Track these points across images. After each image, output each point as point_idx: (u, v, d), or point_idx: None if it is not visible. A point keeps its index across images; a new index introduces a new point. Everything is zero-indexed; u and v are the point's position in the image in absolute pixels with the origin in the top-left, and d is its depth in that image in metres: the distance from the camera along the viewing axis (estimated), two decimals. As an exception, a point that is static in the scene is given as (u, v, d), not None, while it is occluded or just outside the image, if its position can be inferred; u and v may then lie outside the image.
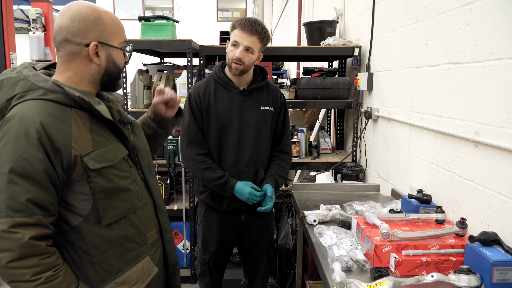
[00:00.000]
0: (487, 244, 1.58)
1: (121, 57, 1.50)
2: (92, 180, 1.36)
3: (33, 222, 1.24)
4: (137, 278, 1.49)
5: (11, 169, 1.23)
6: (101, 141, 1.42)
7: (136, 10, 17.15)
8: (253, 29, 2.26)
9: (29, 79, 1.35)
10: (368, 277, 1.63)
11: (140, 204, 1.54)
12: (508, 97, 1.62)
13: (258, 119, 2.41)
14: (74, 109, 1.37)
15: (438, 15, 2.19)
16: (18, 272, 1.23)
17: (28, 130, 1.25)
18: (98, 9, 1.42)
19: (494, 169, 1.72)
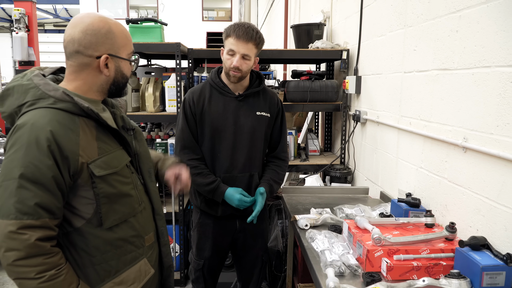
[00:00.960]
0: (477, 248, 1.61)
1: (129, 67, 1.56)
2: (96, 186, 1.42)
3: (39, 224, 1.31)
4: (134, 279, 1.55)
5: (21, 175, 1.29)
6: (106, 148, 1.48)
7: (120, 9, 16.99)
8: (248, 36, 2.23)
9: (40, 88, 1.40)
10: (361, 282, 1.66)
11: (140, 208, 1.59)
12: (496, 104, 1.65)
13: (254, 124, 2.39)
14: (81, 118, 1.43)
15: (427, 21, 2.23)
16: (24, 270, 1.29)
17: (38, 138, 1.31)
18: (109, 22, 1.47)
19: (482, 175, 1.76)
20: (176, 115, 3.45)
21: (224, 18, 17.08)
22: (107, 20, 1.47)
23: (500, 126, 1.63)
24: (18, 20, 7.45)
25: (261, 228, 2.58)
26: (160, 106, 3.62)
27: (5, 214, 1.29)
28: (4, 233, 1.28)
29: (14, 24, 7.50)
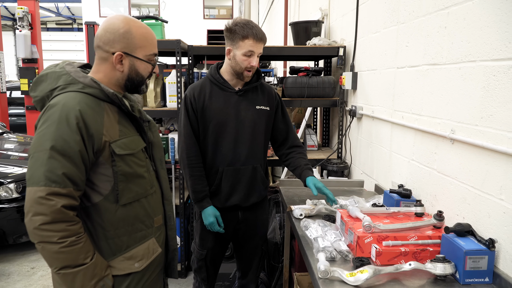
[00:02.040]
0: (461, 234, 1.70)
1: (145, 67, 1.67)
2: (115, 164, 1.57)
3: (65, 193, 1.44)
4: (142, 255, 1.68)
5: (52, 147, 1.43)
6: (126, 132, 1.64)
7: (122, 7, 17.07)
8: (264, 36, 2.32)
9: (71, 74, 1.57)
10: (351, 266, 1.74)
11: (151, 191, 1.73)
12: (481, 97, 1.73)
13: (254, 118, 2.45)
14: (106, 103, 1.59)
15: (418, 18, 2.30)
16: (48, 234, 1.41)
17: (68, 115, 1.46)
18: (131, 24, 1.60)
19: (468, 165, 1.83)
20: (177, 110, 3.53)
21: (225, 16, 17.13)
22: (130, 22, 1.61)
23: (484, 117, 1.71)
24: (22, 18, 7.53)
25: (261, 219, 2.66)
26: (161, 101, 3.70)
27: (36, 182, 1.42)
28: (33, 199, 1.40)
29: (17, 22, 7.59)
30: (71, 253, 1.45)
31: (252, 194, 2.51)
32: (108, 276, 1.57)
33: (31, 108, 7.93)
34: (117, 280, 1.61)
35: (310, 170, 2.50)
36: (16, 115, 9.39)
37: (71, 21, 24.73)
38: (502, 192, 1.61)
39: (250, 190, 2.49)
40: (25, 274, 4.02)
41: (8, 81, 10.93)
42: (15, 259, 4.37)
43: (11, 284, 3.81)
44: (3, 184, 4.28)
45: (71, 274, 1.47)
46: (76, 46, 21.27)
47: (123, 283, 1.62)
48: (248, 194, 2.49)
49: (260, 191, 2.54)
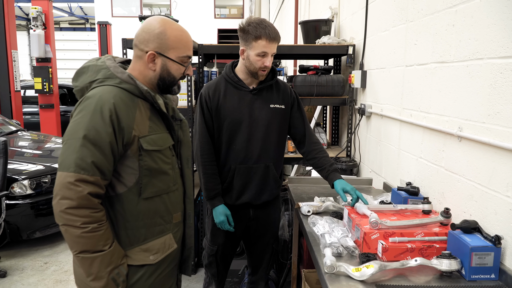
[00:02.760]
0: (468, 231, 1.71)
1: (177, 68, 1.71)
2: (142, 158, 1.62)
3: (93, 180, 1.50)
4: (158, 249, 1.72)
5: (85, 136, 1.50)
6: (155, 129, 1.69)
7: (134, 7, 17.20)
8: (277, 36, 2.31)
9: (110, 69, 1.64)
10: (357, 261, 1.76)
11: (173, 188, 1.78)
12: (488, 94, 1.74)
13: (268, 117, 2.44)
14: (139, 99, 1.65)
15: (426, 16, 2.31)
16: (72, 218, 1.48)
17: (103, 108, 1.53)
18: (166, 26, 1.65)
19: (475, 162, 1.84)
20: (187, 108, 3.57)
21: (236, 16, 17.17)
22: (166, 24, 1.66)
23: (491, 115, 1.72)
24: (35, 18, 7.63)
25: (273, 217, 2.67)
26: (172, 100, 3.74)
27: (66, 167, 1.48)
28: (62, 183, 1.47)
29: (31, 22, 7.69)
30: (92, 238, 1.50)
31: (264, 193, 2.51)
32: (123, 265, 1.62)
33: (44, 107, 8.04)
34: (132, 270, 1.66)
35: (337, 171, 2.47)
36: (30, 113, 9.50)
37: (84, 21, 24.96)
38: (508, 189, 1.61)
39: (261, 188, 2.49)
40: (38, 269, 4.09)
41: (22, 80, 11.07)
42: (29, 254, 4.44)
43: (24, 278, 3.88)
44: (17, 181, 4.35)
45: (89, 259, 1.52)
46: (88, 46, 21.44)
47: (137, 273, 1.67)
48: (259, 192, 2.50)
49: (272, 189, 2.53)
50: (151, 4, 18.40)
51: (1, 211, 3.89)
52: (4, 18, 7.29)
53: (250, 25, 2.30)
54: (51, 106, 8.07)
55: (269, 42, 2.28)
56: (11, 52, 7.43)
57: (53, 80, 7.96)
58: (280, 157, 2.59)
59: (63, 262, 4.22)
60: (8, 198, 4.20)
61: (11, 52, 7.43)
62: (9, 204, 4.18)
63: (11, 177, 4.31)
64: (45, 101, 8.05)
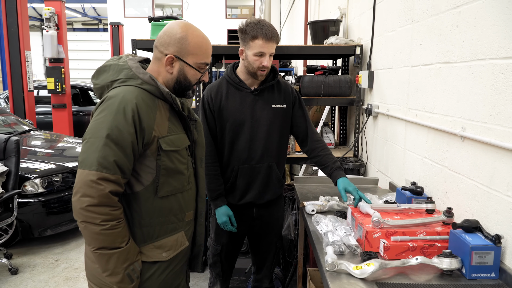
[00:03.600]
0: (469, 230, 1.72)
1: (194, 73, 1.73)
2: (160, 158, 1.66)
3: (114, 179, 1.54)
4: (170, 246, 1.75)
5: (108, 135, 1.53)
6: (174, 129, 1.73)
7: (146, 7, 17.34)
8: (274, 36, 2.32)
9: (132, 69, 1.67)
10: (359, 260, 1.78)
11: (187, 187, 1.82)
12: (490, 95, 1.75)
13: (270, 117, 2.47)
14: (160, 100, 1.69)
15: (431, 17, 2.32)
16: (92, 216, 1.51)
17: (126, 108, 1.56)
18: (188, 31, 1.69)
19: (477, 162, 1.85)
20: (195, 108, 3.61)
21: (247, 16, 17.21)
22: (189, 30, 1.69)
23: (492, 115, 1.73)
24: (48, 19, 7.75)
25: (276, 216, 2.70)
26: (180, 100, 3.78)
27: (88, 165, 1.51)
28: (84, 181, 1.50)
29: (44, 23, 7.81)
30: (110, 236, 1.54)
31: (267, 192, 2.54)
32: (138, 262, 1.66)
33: (57, 107, 8.15)
34: (145, 266, 1.70)
35: (340, 169, 2.49)
36: (43, 113, 9.63)
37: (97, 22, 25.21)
38: (509, 189, 1.62)
39: (264, 188, 2.52)
40: (49, 266, 4.16)
41: (36, 80, 11.22)
42: (40, 251, 4.52)
43: (35, 275, 3.95)
44: (30, 179, 4.43)
45: (106, 255, 1.56)
46: (101, 46, 21.63)
47: (150, 269, 1.71)
48: (262, 191, 2.52)
49: (275, 189, 2.57)
50: (163, 4, 18.53)
51: (13, 209, 3.97)
52: (17, 19, 7.41)
53: (248, 26, 2.33)
54: (63, 106, 8.17)
55: (265, 41, 2.29)
56: (24, 53, 7.55)
57: (66, 80, 8.07)
58: (283, 157, 2.62)
59: (73, 260, 4.29)
60: (20, 197, 4.29)
61: (24, 53, 7.55)
62: (21, 202, 4.27)
63: (23, 175, 4.40)
64: (58, 101, 8.16)
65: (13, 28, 7.41)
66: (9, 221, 3.93)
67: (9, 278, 3.88)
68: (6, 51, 7.51)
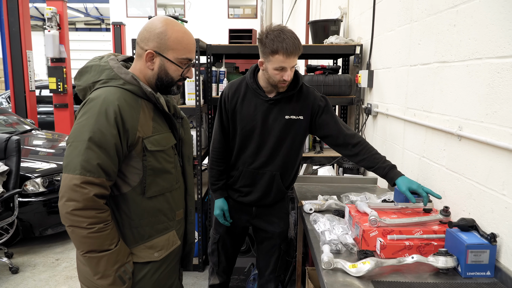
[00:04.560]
0: (465, 229, 1.72)
1: (175, 69, 1.70)
2: (146, 158, 1.65)
3: (98, 182, 1.53)
4: (162, 246, 1.75)
5: (90, 138, 1.52)
6: (159, 129, 1.71)
7: (148, 7, 17.35)
8: (296, 49, 2.18)
9: (114, 70, 1.65)
10: (356, 258, 1.78)
11: (176, 186, 1.81)
12: (486, 94, 1.75)
13: (281, 128, 2.38)
14: (143, 100, 1.67)
15: (430, 16, 2.32)
16: (78, 219, 1.51)
17: (108, 110, 1.54)
18: (168, 26, 1.65)
19: (474, 161, 1.85)
20: (195, 107, 3.63)
21: (249, 16, 17.23)
22: (168, 24, 1.66)
23: (489, 114, 1.73)
24: (50, 18, 7.76)
25: (278, 216, 2.61)
26: (181, 99, 3.79)
27: (72, 169, 1.50)
28: (68, 185, 1.50)
29: (46, 23, 7.83)
30: (98, 238, 1.54)
31: (266, 198, 2.51)
32: (129, 263, 1.66)
33: (58, 106, 8.17)
34: (137, 267, 1.69)
35: (394, 168, 2.28)
36: (45, 113, 9.67)
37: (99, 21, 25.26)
38: (504, 188, 1.63)
39: (264, 194, 2.49)
40: (50, 265, 4.18)
41: (38, 80, 11.27)
42: (41, 251, 4.53)
43: (36, 274, 3.97)
44: (31, 179, 4.44)
45: (96, 258, 1.56)
46: (104, 46, 21.69)
47: (142, 270, 1.71)
48: (261, 197, 2.50)
49: (275, 197, 2.52)
50: (166, 4, 18.54)
51: (14, 208, 3.99)
52: (19, 18, 7.43)
53: (267, 37, 2.20)
54: (65, 105, 8.20)
55: (286, 57, 2.16)
56: (26, 52, 7.57)
57: (67, 80, 8.09)
58: (290, 168, 2.51)
59: (74, 259, 4.30)
60: (21, 196, 4.31)
61: (26, 52, 7.58)
62: (22, 202, 4.29)
63: (25, 175, 4.42)
64: (60, 100, 8.18)
65: (15, 27, 7.44)
66: (10, 221, 3.95)
67: (10, 277, 3.90)
68: (8, 50, 7.54)
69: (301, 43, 2.23)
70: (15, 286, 3.75)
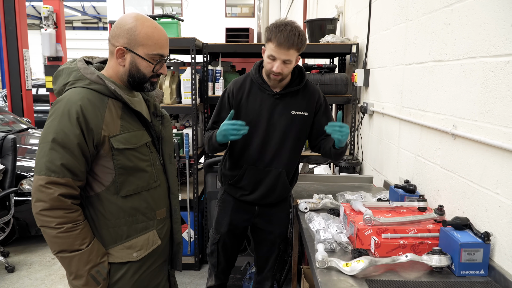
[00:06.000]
0: (459, 228, 1.73)
1: (146, 65, 1.68)
2: (115, 157, 1.63)
3: (63, 182, 1.54)
4: (141, 246, 1.74)
5: (53, 139, 1.53)
6: (128, 127, 1.69)
7: (146, 6, 17.29)
8: (289, 43, 2.16)
9: (80, 71, 1.65)
10: (350, 257, 1.78)
11: (155, 184, 1.79)
12: (480, 93, 1.75)
13: (286, 123, 2.39)
14: (110, 99, 1.66)
15: (425, 15, 2.32)
16: (47, 220, 1.53)
17: (70, 110, 1.55)
18: (138, 21, 1.64)
19: (468, 160, 1.86)
20: (191, 106, 3.62)
21: (247, 14, 17.19)
22: (139, 20, 1.64)
23: (483, 113, 1.73)
24: (47, 17, 7.74)
25: (279, 216, 2.61)
26: (177, 98, 3.79)
27: (38, 171, 1.53)
28: (35, 186, 1.53)
29: (43, 21, 7.81)
30: (68, 238, 1.55)
31: (271, 196, 2.49)
32: (103, 263, 1.64)
33: (55, 105, 8.14)
34: (114, 267, 1.68)
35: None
36: (42, 111, 9.65)
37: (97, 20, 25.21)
38: (498, 186, 1.63)
39: (269, 192, 2.48)
40: (46, 264, 4.17)
41: (35, 79, 11.23)
42: (37, 250, 4.52)
43: (32, 273, 3.96)
44: (27, 178, 4.44)
45: (67, 258, 1.57)
46: (101, 45, 21.60)
47: (119, 270, 1.69)
48: (266, 195, 2.48)
49: (279, 194, 2.51)
50: (163, 3, 18.50)
51: (10, 207, 3.98)
52: (15, 17, 7.41)
53: (271, 26, 2.24)
54: (62, 104, 8.16)
55: (276, 46, 2.18)
56: (22, 51, 7.55)
57: (64, 79, 8.06)
58: (294, 164, 2.52)
59: (70, 258, 4.29)
60: (17, 195, 4.30)
61: (22, 51, 7.56)
62: (18, 201, 4.27)
63: (20, 174, 4.41)
64: (56, 99, 8.15)
65: (11, 26, 7.42)
66: (6, 219, 3.94)
67: (6, 276, 3.89)
68: (4, 49, 7.52)
69: (303, 42, 2.23)
70: (11, 285, 3.74)
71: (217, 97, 2.73)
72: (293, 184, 2.59)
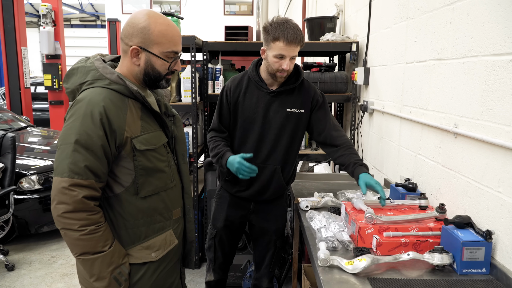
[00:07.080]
0: (461, 226, 1.73)
1: (162, 63, 1.66)
2: (136, 158, 1.63)
3: (87, 184, 1.52)
4: (159, 246, 1.74)
5: (76, 140, 1.51)
6: (148, 128, 1.68)
7: (144, 4, 17.25)
8: (297, 39, 2.22)
9: (99, 70, 1.63)
10: (352, 255, 1.79)
11: (171, 185, 1.79)
12: (482, 91, 1.75)
13: (282, 120, 2.41)
14: (130, 99, 1.65)
15: (426, 13, 2.32)
16: (69, 222, 1.51)
17: (93, 111, 1.53)
18: (151, 19, 1.61)
19: (470, 158, 1.86)
20: (191, 104, 3.62)
21: (246, 12, 17.16)
22: (151, 18, 1.62)
23: (484, 112, 1.74)
24: (45, 15, 7.72)
25: (275, 213, 2.62)
26: (177, 96, 3.79)
27: (60, 172, 1.51)
28: (57, 188, 1.50)
29: (41, 19, 7.78)
30: (91, 240, 1.53)
31: (265, 192, 2.50)
32: (125, 264, 1.64)
33: (54, 103, 8.13)
34: (134, 268, 1.68)
35: (363, 166, 2.29)
36: (40, 110, 9.62)
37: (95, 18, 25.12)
38: (500, 185, 1.63)
39: (264, 189, 2.49)
40: (46, 262, 4.17)
41: (34, 77, 11.20)
42: (37, 248, 4.52)
43: (32, 272, 3.96)
44: (26, 176, 4.43)
45: (89, 260, 1.55)
46: (99, 43, 21.54)
47: (139, 271, 1.69)
48: (261, 192, 2.50)
49: (274, 191, 2.52)
50: (161, 1, 18.46)
51: (10, 205, 3.98)
52: (14, 15, 7.39)
53: (271, 25, 2.24)
54: (60, 102, 8.16)
55: (286, 44, 2.20)
56: (21, 49, 7.53)
57: (63, 77, 8.03)
58: (290, 162, 2.52)
59: (70, 256, 4.29)
60: (16, 193, 4.30)
61: (21, 49, 7.54)
62: (17, 199, 4.27)
63: (20, 172, 4.40)
64: (55, 97, 8.15)
65: (10, 24, 7.40)
66: (6, 218, 3.94)
67: (6, 275, 3.89)
68: (3, 47, 7.50)
69: (304, 37, 2.26)
70: (11, 283, 3.74)
71: (217, 95, 2.74)
72: (289, 181, 2.60)
